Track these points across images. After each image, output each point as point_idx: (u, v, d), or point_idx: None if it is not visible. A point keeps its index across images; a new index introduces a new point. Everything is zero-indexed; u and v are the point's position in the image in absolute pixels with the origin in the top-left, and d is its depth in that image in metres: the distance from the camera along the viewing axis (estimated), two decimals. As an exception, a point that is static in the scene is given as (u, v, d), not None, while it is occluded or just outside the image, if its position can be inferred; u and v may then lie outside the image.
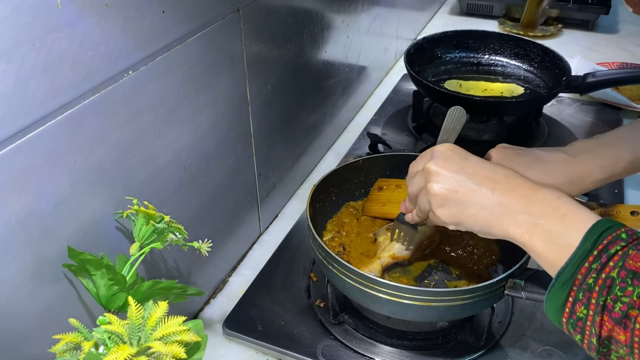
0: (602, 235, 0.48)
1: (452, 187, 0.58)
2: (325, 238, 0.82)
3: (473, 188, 0.57)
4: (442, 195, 0.58)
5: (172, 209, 0.69)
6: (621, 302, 0.45)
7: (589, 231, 0.49)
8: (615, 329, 0.45)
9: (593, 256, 0.48)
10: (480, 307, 0.67)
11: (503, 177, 0.57)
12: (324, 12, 0.99)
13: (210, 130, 0.73)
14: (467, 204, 0.57)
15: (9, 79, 0.44)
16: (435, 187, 0.58)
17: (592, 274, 0.47)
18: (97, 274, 0.52)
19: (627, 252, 0.47)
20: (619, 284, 0.46)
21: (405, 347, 0.73)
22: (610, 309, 0.46)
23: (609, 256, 0.47)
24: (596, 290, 0.47)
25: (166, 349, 0.44)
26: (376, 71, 1.37)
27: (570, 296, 0.48)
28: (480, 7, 1.80)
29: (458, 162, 0.59)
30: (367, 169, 0.87)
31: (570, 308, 0.49)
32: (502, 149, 0.72)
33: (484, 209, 0.56)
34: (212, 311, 0.82)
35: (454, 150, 0.60)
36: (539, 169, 0.68)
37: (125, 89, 0.57)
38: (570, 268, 0.49)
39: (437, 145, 0.62)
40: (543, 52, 1.22)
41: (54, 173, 0.51)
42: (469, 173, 0.58)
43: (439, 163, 0.59)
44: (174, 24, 0.62)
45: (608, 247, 0.47)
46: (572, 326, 0.49)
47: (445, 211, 0.59)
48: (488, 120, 1.16)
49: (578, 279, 0.48)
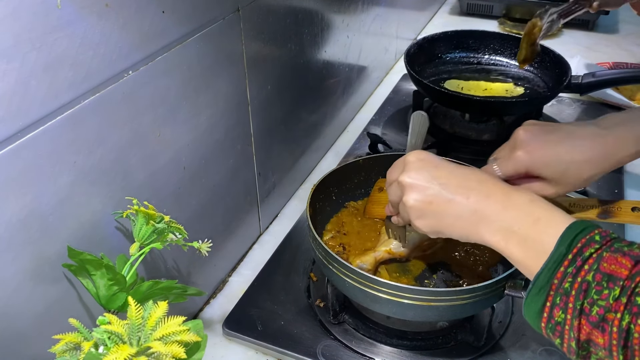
0: (576, 238, 0.48)
1: (426, 199, 0.58)
2: (325, 238, 0.82)
3: (447, 198, 0.57)
4: (418, 207, 0.58)
5: (172, 209, 0.69)
6: (598, 305, 0.45)
7: (562, 235, 0.49)
8: (593, 332, 0.46)
9: (568, 260, 0.48)
10: (481, 307, 0.67)
11: (476, 184, 0.57)
12: (324, 12, 0.99)
13: (210, 130, 0.73)
14: (443, 214, 0.57)
15: (9, 79, 0.44)
16: (411, 200, 0.59)
17: (568, 278, 0.47)
18: (97, 274, 0.52)
19: (602, 254, 0.47)
20: (594, 287, 0.46)
21: (405, 347, 0.73)
22: (587, 312, 0.46)
23: (583, 259, 0.47)
24: (573, 294, 0.47)
25: (166, 349, 0.44)
26: (376, 71, 1.37)
27: (547, 301, 0.48)
28: (480, 7, 1.80)
29: (430, 172, 0.59)
30: (367, 168, 0.87)
31: (548, 313, 0.49)
32: (529, 126, 0.69)
33: (460, 218, 0.56)
34: (212, 311, 0.82)
35: (425, 159, 0.60)
36: (570, 145, 0.65)
37: (125, 89, 0.57)
38: (546, 273, 0.49)
39: (408, 154, 0.61)
40: (543, 52, 1.21)
41: (54, 173, 0.51)
42: (442, 183, 0.58)
43: (412, 175, 0.59)
44: (174, 24, 0.62)
45: (582, 250, 0.47)
46: (550, 330, 0.49)
47: (423, 222, 0.59)
48: (488, 120, 1.16)
49: (554, 284, 0.48)
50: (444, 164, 0.60)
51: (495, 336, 0.74)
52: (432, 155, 0.61)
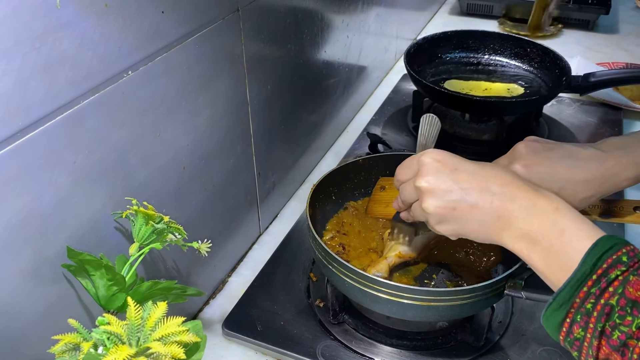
0: (603, 257, 0.47)
1: (449, 205, 0.56)
2: (325, 238, 0.82)
3: (470, 203, 0.55)
4: (440, 214, 0.57)
5: (172, 209, 0.68)
6: (619, 330, 0.44)
7: (588, 252, 0.48)
8: (612, 354, 0.45)
9: (592, 280, 0.46)
10: (480, 307, 0.67)
11: (499, 187, 0.55)
12: (324, 12, 0.99)
13: (209, 130, 0.73)
14: (467, 220, 0.56)
15: (9, 79, 0.44)
16: (431, 207, 0.56)
17: (591, 298, 0.46)
18: (96, 275, 0.52)
19: (628, 277, 0.45)
20: (618, 312, 0.45)
21: (405, 347, 0.73)
22: (608, 334, 0.45)
23: (608, 281, 0.46)
24: (594, 315, 0.46)
25: (165, 349, 0.44)
26: (376, 71, 1.37)
27: (567, 317, 0.48)
28: (480, 7, 1.80)
29: (449, 176, 0.56)
30: (367, 168, 0.87)
31: (568, 328, 0.48)
32: (530, 142, 0.68)
33: (484, 224, 0.55)
34: (211, 311, 0.82)
35: (442, 160, 0.57)
36: (569, 164, 0.65)
37: (125, 89, 0.57)
38: (568, 290, 0.48)
39: (423, 153, 0.59)
40: (543, 52, 1.22)
41: (54, 173, 0.51)
42: (464, 187, 0.55)
43: (430, 180, 0.57)
44: (174, 24, 0.62)
45: (608, 272, 0.46)
46: (569, 344, 0.49)
47: (444, 227, 0.58)
48: (488, 120, 1.16)
49: (576, 302, 0.47)
50: (463, 165, 0.57)
51: (495, 336, 0.74)
52: (448, 155, 0.58)
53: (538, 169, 0.64)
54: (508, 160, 0.67)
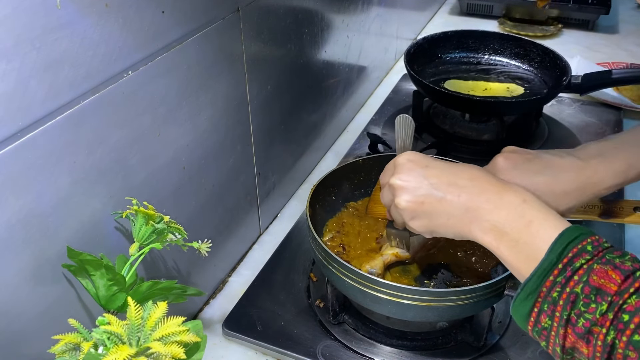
0: (568, 247, 0.48)
1: (417, 199, 0.58)
2: (325, 238, 0.82)
3: (438, 197, 0.57)
4: (410, 208, 0.58)
5: (172, 209, 0.68)
6: (584, 318, 0.45)
7: (554, 242, 0.49)
8: (578, 342, 0.46)
9: (558, 269, 0.48)
10: (481, 307, 0.67)
11: (468, 182, 0.57)
12: (324, 12, 0.99)
13: (209, 130, 0.73)
14: (436, 214, 0.57)
15: (9, 79, 0.44)
16: (402, 202, 0.59)
17: (557, 287, 0.47)
18: (96, 274, 0.52)
19: (592, 266, 0.47)
20: (582, 300, 0.46)
21: (405, 347, 0.73)
22: (573, 323, 0.46)
23: (573, 270, 0.47)
24: (560, 304, 0.47)
25: (165, 349, 0.44)
26: (376, 71, 1.37)
27: (535, 307, 0.49)
28: (480, 7, 1.80)
29: (420, 172, 0.58)
30: (367, 168, 0.87)
31: (535, 317, 0.49)
32: (509, 154, 0.68)
33: (453, 217, 0.56)
34: (211, 311, 0.82)
35: (414, 160, 0.60)
36: (548, 176, 0.65)
37: (125, 89, 0.57)
38: (535, 280, 0.49)
39: (398, 156, 0.61)
40: (543, 52, 1.22)
41: (54, 173, 0.51)
42: (432, 182, 0.57)
43: (402, 177, 0.59)
44: (174, 24, 0.62)
45: (573, 260, 0.47)
46: (537, 333, 0.50)
47: (417, 222, 0.59)
48: (488, 120, 1.16)
49: (543, 292, 0.48)
50: (434, 163, 0.60)
51: (495, 336, 0.74)
52: (422, 156, 0.61)
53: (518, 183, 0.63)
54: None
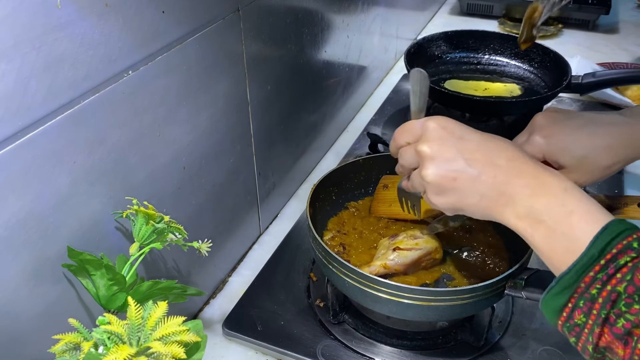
0: (612, 242, 0.44)
1: (449, 174, 0.53)
2: (325, 238, 0.82)
3: (473, 175, 0.52)
4: (439, 183, 0.53)
5: (172, 209, 0.68)
6: (625, 318, 0.43)
7: (597, 236, 0.45)
8: (615, 342, 0.44)
9: (600, 265, 0.44)
10: (481, 307, 0.67)
11: (505, 161, 0.52)
12: (324, 12, 0.99)
13: (210, 130, 0.73)
14: (467, 193, 0.53)
15: (9, 79, 0.44)
16: (431, 174, 0.53)
17: (597, 284, 0.44)
18: (96, 274, 0.52)
19: (637, 264, 0.43)
20: (624, 300, 0.43)
21: (405, 347, 0.73)
22: (612, 322, 0.43)
23: (617, 267, 0.44)
24: (599, 302, 0.44)
25: (166, 349, 0.44)
26: (376, 71, 1.37)
27: (570, 302, 0.46)
28: (480, 7, 1.80)
29: (454, 144, 0.53)
30: (367, 168, 0.87)
31: (569, 313, 0.46)
32: (549, 112, 0.64)
33: (485, 198, 0.52)
34: (211, 311, 0.82)
35: (448, 128, 0.54)
36: (590, 130, 0.61)
37: (125, 89, 0.57)
38: (573, 274, 0.46)
39: (429, 119, 0.56)
40: (543, 52, 1.22)
41: (54, 173, 0.51)
42: (467, 158, 0.52)
43: (433, 146, 0.54)
44: (174, 24, 0.62)
45: (617, 257, 0.44)
46: (567, 329, 0.47)
47: (442, 199, 0.55)
48: (488, 120, 1.16)
49: (581, 287, 0.45)
50: (470, 134, 0.55)
51: (495, 336, 0.74)
52: (455, 123, 0.55)
53: (558, 138, 0.61)
54: (528, 133, 0.64)
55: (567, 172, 0.61)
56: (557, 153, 0.61)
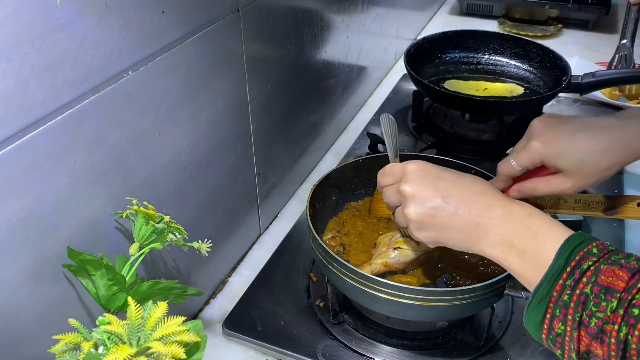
0: (574, 251, 0.49)
1: (429, 212, 0.58)
2: (325, 238, 0.82)
3: (450, 211, 0.57)
4: (420, 220, 0.58)
5: (172, 209, 0.68)
6: (596, 317, 0.46)
7: (561, 248, 0.50)
8: (592, 343, 0.46)
9: (566, 273, 0.48)
10: (481, 307, 0.67)
11: (478, 197, 0.58)
12: (324, 12, 0.99)
13: (209, 130, 0.73)
14: (445, 228, 0.58)
15: (9, 79, 0.44)
16: (412, 212, 0.58)
17: (567, 290, 0.48)
18: (96, 274, 0.52)
19: (599, 267, 0.47)
20: (592, 300, 0.46)
21: (405, 347, 0.73)
22: (586, 324, 0.46)
23: (581, 272, 0.48)
24: (571, 306, 0.47)
25: (166, 349, 0.44)
26: (376, 71, 1.37)
27: (547, 313, 0.49)
28: (480, 7, 1.80)
29: (432, 183, 0.59)
30: (367, 168, 0.87)
31: (549, 324, 0.49)
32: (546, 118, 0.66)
33: (462, 232, 0.57)
34: (211, 311, 0.82)
35: (426, 169, 0.60)
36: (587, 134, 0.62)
37: (125, 89, 0.57)
38: (545, 285, 0.49)
39: (408, 163, 0.62)
40: (543, 52, 1.22)
41: (54, 173, 0.51)
42: (444, 195, 0.58)
43: (414, 186, 0.59)
44: (174, 24, 0.62)
45: (580, 263, 0.48)
46: (551, 342, 0.50)
47: (424, 234, 0.59)
48: (488, 120, 1.16)
49: (554, 296, 0.49)
50: (444, 174, 0.60)
51: (495, 336, 0.74)
52: (432, 165, 0.61)
53: (556, 143, 0.62)
54: (526, 139, 0.65)
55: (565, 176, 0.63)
56: (555, 157, 0.62)
